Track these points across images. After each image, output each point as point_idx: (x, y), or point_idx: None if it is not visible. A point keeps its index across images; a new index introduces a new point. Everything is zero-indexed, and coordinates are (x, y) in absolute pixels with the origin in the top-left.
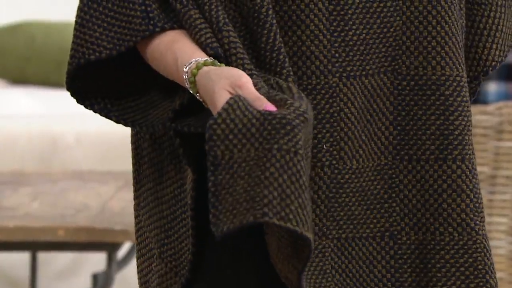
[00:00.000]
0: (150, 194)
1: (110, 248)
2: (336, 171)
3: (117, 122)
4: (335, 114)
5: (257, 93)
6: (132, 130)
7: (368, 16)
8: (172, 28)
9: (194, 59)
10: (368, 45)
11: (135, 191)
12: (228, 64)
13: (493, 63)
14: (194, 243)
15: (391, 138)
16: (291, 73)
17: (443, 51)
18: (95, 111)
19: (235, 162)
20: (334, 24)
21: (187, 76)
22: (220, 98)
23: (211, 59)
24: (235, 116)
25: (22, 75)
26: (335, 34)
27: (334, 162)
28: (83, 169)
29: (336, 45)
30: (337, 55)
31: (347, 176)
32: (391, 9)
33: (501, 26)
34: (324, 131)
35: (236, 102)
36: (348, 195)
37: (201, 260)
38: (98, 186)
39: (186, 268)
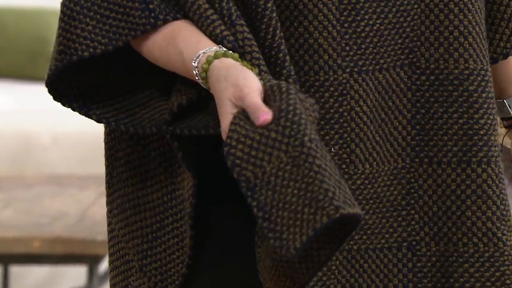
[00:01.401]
0: (127, 200)
1: (91, 260)
2: (346, 176)
3: (98, 121)
4: (345, 114)
5: (257, 102)
6: (105, 129)
7: (382, 4)
8: (175, 19)
9: (201, 51)
10: (382, 36)
11: (107, 196)
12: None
13: (506, 51)
14: (191, 255)
15: (409, 139)
16: (292, 73)
17: (466, 42)
18: (73, 109)
19: (271, 176)
20: (345, 13)
21: (198, 72)
22: (225, 114)
23: (221, 48)
24: (247, 132)
25: None
26: (346, 25)
27: (344, 166)
28: (61, 172)
29: (347, 37)
30: (347, 48)
31: (359, 182)
32: None
33: None
34: (333, 132)
35: (240, 119)
36: (361, 202)
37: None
38: (77, 191)
39: (176, 282)
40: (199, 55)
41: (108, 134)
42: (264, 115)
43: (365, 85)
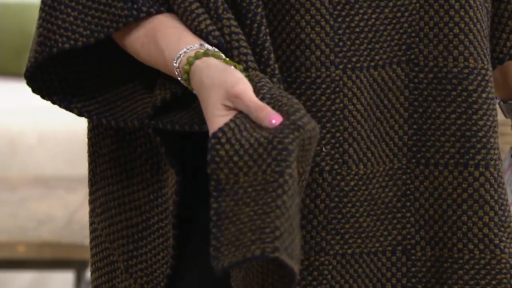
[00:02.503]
0: (112, 198)
1: (79, 266)
2: (338, 177)
3: (80, 115)
4: (338, 112)
5: (258, 101)
6: (88, 124)
7: None
8: (159, 12)
9: (182, 51)
10: (378, 32)
11: (90, 194)
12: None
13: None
14: (175, 255)
15: (405, 139)
16: (276, 71)
17: (466, 39)
18: (53, 103)
19: (240, 187)
20: (338, 8)
21: (180, 73)
22: (212, 117)
23: (202, 46)
24: (241, 137)
25: None
26: (339, 19)
27: (336, 166)
28: (47, 173)
29: (340, 32)
30: (341, 43)
31: (352, 183)
32: None
33: None
34: (324, 131)
35: (241, 122)
36: (355, 205)
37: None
38: (65, 193)
39: (161, 284)
40: (180, 55)
41: (91, 130)
42: (275, 116)
43: (359, 83)
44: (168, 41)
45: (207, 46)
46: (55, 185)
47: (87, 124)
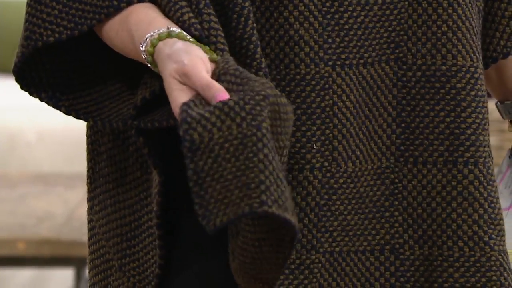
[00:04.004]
0: (108, 196)
1: (78, 263)
2: (328, 174)
3: (67, 113)
4: (327, 109)
5: (206, 79)
6: (88, 122)
7: None
8: (140, 1)
9: (149, 34)
10: (367, 29)
11: (89, 191)
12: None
13: (506, 50)
14: (162, 255)
15: (393, 137)
16: (263, 65)
17: (454, 37)
18: (41, 100)
19: (216, 144)
20: (327, 4)
21: (146, 56)
22: (171, 91)
23: (168, 28)
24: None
25: None
26: (328, 16)
27: (326, 164)
28: (46, 171)
29: (329, 28)
30: (330, 40)
31: (341, 181)
32: None
33: None
34: (315, 128)
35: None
36: (343, 202)
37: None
38: (64, 191)
39: (152, 283)
40: (147, 38)
41: (90, 128)
42: (222, 94)
43: (348, 80)
44: (139, 26)
45: (173, 29)
46: (54, 182)
47: (86, 123)
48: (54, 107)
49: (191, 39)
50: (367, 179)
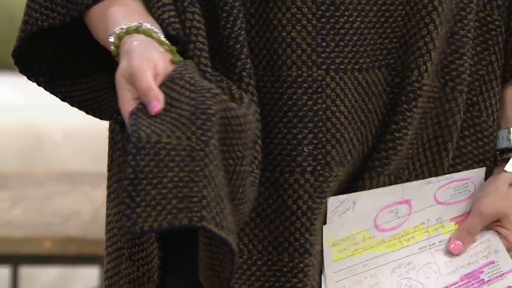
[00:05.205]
0: (121, 185)
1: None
2: (321, 178)
3: (63, 99)
4: (320, 112)
5: (147, 83)
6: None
7: (363, 1)
8: None
9: (119, 27)
10: (362, 35)
11: (107, 179)
12: (184, 53)
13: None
14: (160, 247)
15: (375, 141)
16: (247, 66)
17: (431, 58)
18: (39, 84)
19: (162, 149)
20: (322, 8)
21: (112, 49)
22: (118, 89)
23: (140, 24)
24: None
25: (1, 60)
26: (323, 20)
27: (318, 167)
28: (72, 169)
29: (324, 32)
30: (324, 44)
31: (332, 185)
32: None
33: None
34: (306, 131)
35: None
36: None
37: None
38: (90, 189)
39: (156, 274)
40: (116, 30)
41: None
42: (155, 103)
43: (343, 84)
44: (114, 18)
45: (145, 24)
46: (80, 181)
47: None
48: (51, 93)
49: (161, 37)
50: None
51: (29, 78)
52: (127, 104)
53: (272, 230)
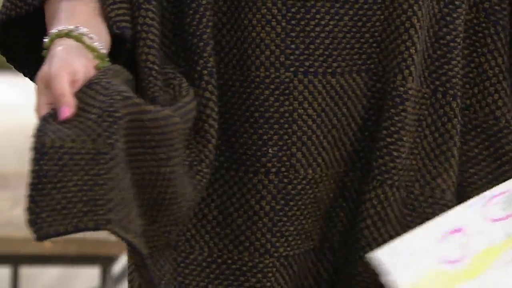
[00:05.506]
0: None
1: (105, 261)
2: (285, 180)
3: None
4: (286, 114)
5: (61, 90)
6: None
7: (337, 5)
8: None
9: (56, 29)
10: (336, 38)
11: None
12: (134, 50)
13: None
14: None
15: (356, 145)
16: (209, 64)
17: (414, 62)
18: (25, 75)
19: (66, 153)
20: (292, 10)
21: (44, 50)
22: (36, 92)
23: (77, 27)
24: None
25: (1, 60)
26: (293, 22)
27: (283, 169)
28: None
29: (293, 34)
30: (293, 46)
31: (299, 187)
32: (370, 1)
33: None
34: (272, 132)
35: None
36: (300, 207)
37: None
38: None
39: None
40: (52, 31)
41: None
42: (65, 109)
43: (311, 87)
44: (58, 17)
45: (80, 28)
46: None
47: None
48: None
49: (93, 43)
50: (325, 184)
51: (16, 68)
52: (41, 108)
53: (234, 229)
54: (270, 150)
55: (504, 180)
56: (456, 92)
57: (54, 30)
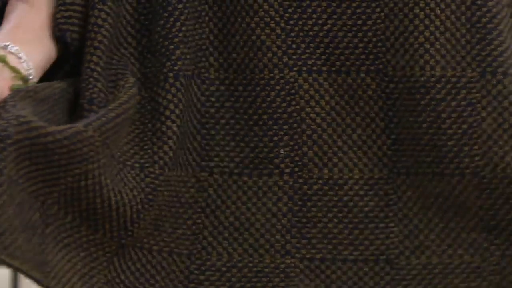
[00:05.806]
0: None
1: None
2: (300, 180)
3: None
4: (294, 114)
5: None
6: None
7: (334, 4)
8: None
9: None
10: (336, 37)
11: None
12: (83, 49)
13: None
14: None
15: (385, 148)
16: (176, 67)
17: (432, 48)
18: None
19: None
20: (289, 10)
21: None
22: None
23: (3, 46)
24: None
25: None
26: (291, 22)
27: (296, 169)
28: None
29: (293, 34)
30: (294, 46)
31: (315, 187)
32: None
33: None
34: (282, 133)
35: None
36: (321, 209)
37: None
38: None
39: None
40: None
41: None
42: None
43: (317, 86)
44: (3, 25)
45: (10, 47)
46: None
47: None
48: None
49: (19, 65)
50: (354, 189)
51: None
52: None
53: (253, 233)
54: (282, 151)
55: None
56: (505, 70)
57: None
